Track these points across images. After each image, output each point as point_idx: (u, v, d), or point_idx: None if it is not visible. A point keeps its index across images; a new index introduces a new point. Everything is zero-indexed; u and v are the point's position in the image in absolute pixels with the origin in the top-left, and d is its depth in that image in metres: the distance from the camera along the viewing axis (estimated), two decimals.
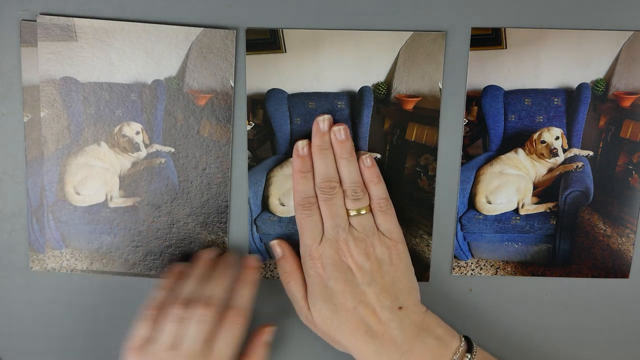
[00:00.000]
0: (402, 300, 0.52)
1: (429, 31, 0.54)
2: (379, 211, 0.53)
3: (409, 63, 0.54)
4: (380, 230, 0.53)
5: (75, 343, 0.59)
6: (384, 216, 0.54)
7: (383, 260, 0.53)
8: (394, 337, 0.51)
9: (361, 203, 0.53)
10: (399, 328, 0.51)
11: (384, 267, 0.52)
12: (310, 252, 0.53)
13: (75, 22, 0.53)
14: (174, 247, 0.57)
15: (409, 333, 0.51)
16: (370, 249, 0.52)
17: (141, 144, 0.55)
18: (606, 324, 0.59)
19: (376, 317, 0.51)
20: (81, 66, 0.53)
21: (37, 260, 0.57)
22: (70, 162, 0.55)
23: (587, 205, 0.57)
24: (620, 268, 0.58)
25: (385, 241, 0.53)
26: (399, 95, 0.55)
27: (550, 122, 0.56)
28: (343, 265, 0.52)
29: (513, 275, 0.58)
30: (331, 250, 0.52)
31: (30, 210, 0.56)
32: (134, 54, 0.53)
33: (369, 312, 0.51)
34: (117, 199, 0.56)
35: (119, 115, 0.55)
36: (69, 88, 0.54)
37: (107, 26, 0.53)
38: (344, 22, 0.54)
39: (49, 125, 0.54)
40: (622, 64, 0.54)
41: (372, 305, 0.51)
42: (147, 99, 0.54)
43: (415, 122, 0.56)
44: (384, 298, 0.52)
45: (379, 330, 0.51)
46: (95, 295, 0.58)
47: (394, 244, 0.53)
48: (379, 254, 0.53)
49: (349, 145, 0.53)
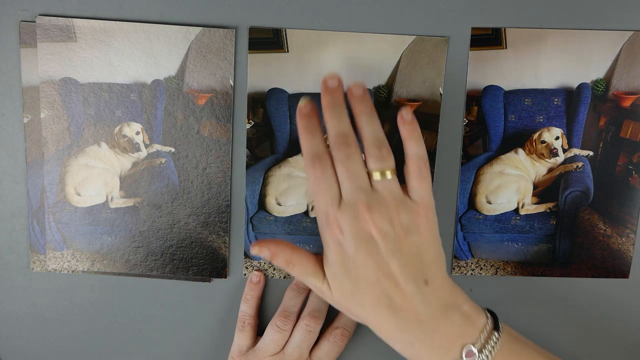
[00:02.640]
0: (428, 274, 0.47)
1: (431, 36, 0.54)
2: (415, 174, 0.48)
3: (410, 67, 0.54)
4: (411, 196, 0.48)
5: (76, 343, 0.59)
6: (420, 181, 0.48)
7: (410, 229, 0.47)
8: (418, 313, 0.46)
9: (386, 164, 0.47)
10: (424, 304, 0.46)
11: (411, 236, 0.47)
12: (328, 218, 0.47)
13: (74, 22, 0.52)
14: (175, 248, 0.57)
15: (435, 309, 0.46)
16: (395, 215, 0.46)
17: (141, 144, 0.55)
18: (606, 324, 0.59)
19: (400, 290, 0.46)
20: (80, 67, 0.53)
21: (38, 262, 0.57)
22: (70, 163, 0.55)
23: (587, 205, 0.57)
24: (620, 268, 0.58)
25: (414, 208, 0.47)
26: (399, 98, 0.55)
27: (550, 122, 0.56)
28: (365, 234, 0.46)
29: (513, 275, 0.58)
30: (351, 216, 0.46)
31: (30, 212, 0.56)
32: (133, 54, 0.53)
33: (392, 285, 0.46)
34: (118, 199, 0.56)
35: (118, 116, 0.54)
36: (69, 89, 0.54)
37: (106, 26, 0.53)
38: (346, 25, 0.54)
39: (48, 126, 0.54)
40: (622, 64, 0.54)
41: (396, 277, 0.46)
42: (147, 99, 0.54)
43: None
44: (409, 270, 0.46)
45: (403, 305, 0.46)
46: (96, 296, 0.58)
47: (424, 211, 0.47)
48: (405, 221, 0.46)
49: (369, 100, 0.48)
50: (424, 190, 0.48)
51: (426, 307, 0.46)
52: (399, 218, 0.46)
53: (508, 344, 0.47)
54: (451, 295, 0.48)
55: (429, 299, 0.46)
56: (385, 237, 0.46)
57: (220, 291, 0.58)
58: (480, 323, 0.47)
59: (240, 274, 0.58)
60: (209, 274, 0.57)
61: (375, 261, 0.46)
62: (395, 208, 0.46)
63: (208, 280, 0.58)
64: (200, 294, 0.58)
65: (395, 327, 0.46)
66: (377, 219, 0.46)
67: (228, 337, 0.58)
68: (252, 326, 0.57)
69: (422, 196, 0.47)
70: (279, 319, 0.56)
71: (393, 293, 0.46)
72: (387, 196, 0.47)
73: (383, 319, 0.47)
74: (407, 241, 0.46)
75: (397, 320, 0.46)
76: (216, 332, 0.59)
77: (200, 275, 0.57)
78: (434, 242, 0.48)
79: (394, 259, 0.46)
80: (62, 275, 0.57)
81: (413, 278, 0.46)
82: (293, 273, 0.49)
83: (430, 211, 0.48)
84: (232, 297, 0.58)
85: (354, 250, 0.46)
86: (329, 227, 0.47)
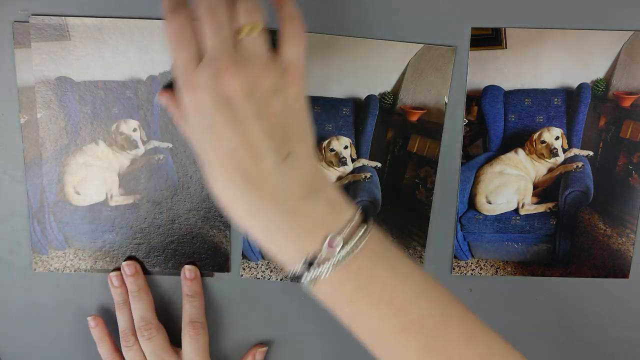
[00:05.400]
0: (291, 147, 0.41)
1: (438, 45, 0.54)
2: (290, 35, 0.42)
3: (416, 75, 0.54)
4: (282, 58, 0.42)
5: (76, 344, 0.59)
6: (294, 42, 0.42)
7: (276, 93, 0.40)
8: (275, 191, 0.40)
9: (256, 17, 0.41)
10: (282, 180, 0.40)
11: (276, 101, 0.40)
12: (186, 76, 0.40)
13: (67, 21, 0.52)
14: (177, 243, 0.57)
15: (295, 189, 0.41)
16: (261, 76, 0.40)
17: (139, 141, 0.55)
18: (606, 324, 0.59)
19: (257, 162, 0.40)
20: (75, 65, 0.53)
21: (40, 262, 0.56)
22: (69, 162, 0.55)
23: (587, 205, 0.57)
24: (620, 268, 0.58)
25: (283, 71, 0.41)
26: (404, 106, 0.55)
27: (550, 122, 0.56)
28: (225, 94, 0.39)
29: (513, 275, 0.58)
30: (211, 73, 0.40)
31: (31, 212, 0.55)
32: (128, 50, 0.53)
33: (249, 155, 0.40)
34: (118, 197, 0.56)
35: (115, 113, 0.54)
36: (64, 88, 0.53)
37: (100, 24, 0.52)
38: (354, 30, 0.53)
39: (46, 126, 0.54)
40: (622, 64, 0.54)
41: (255, 146, 0.40)
42: (143, 96, 0.54)
43: (418, 134, 0.55)
44: (271, 139, 0.40)
45: (258, 180, 0.40)
46: (99, 294, 0.58)
47: (293, 76, 0.41)
48: (272, 84, 0.40)
49: None
50: (296, 52, 0.42)
51: (284, 185, 0.40)
52: (266, 80, 0.40)
53: (376, 240, 0.42)
54: (315, 177, 0.42)
55: (289, 176, 0.40)
56: (247, 99, 0.39)
57: (223, 285, 0.58)
58: (348, 214, 0.41)
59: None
60: (212, 268, 0.57)
61: (233, 126, 0.40)
62: (262, 68, 0.40)
63: (211, 275, 0.58)
64: (204, 289, 0.58)
65: (249, 208, 0.40)
66: (240, 78, 0.39)
67: (233, 330, 0.59)
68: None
69: (294, 59, 0.42)
70: (122, 340, 0.56)
71: (249, 165, 0.40)
72: (254, 54, 0.40)
73: (236, 198, 0.41)
74: (271, 106, 0.40)
75: (251, 200, 0.40)
76: (221, 325, 0.59)
77: (203, 270, 0.57)
78: (301, 112, 0.42)
79: (255, 125, 0.40)
80: (62, 275, 0.57)
81: (274, 148, 0.40)
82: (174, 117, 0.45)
83: (300, 77, 0.42)
84: (236, 291, 0.58)
85: (212, 114, 0.40)
86: (187, 88, 0.40)
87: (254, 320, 0.59)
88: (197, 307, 0.56)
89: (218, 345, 0.59)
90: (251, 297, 0.58)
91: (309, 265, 0.40)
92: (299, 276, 0.41)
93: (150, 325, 0.55)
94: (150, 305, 0.56)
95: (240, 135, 0.40)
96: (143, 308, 0.56)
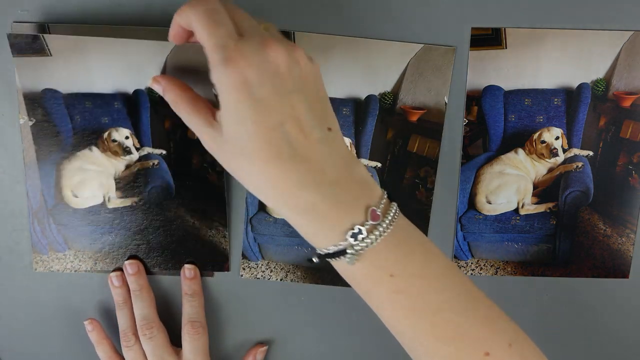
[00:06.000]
0: (329, 121, 0.41)
1: (438, 45, 0.54)
2: None
3: (416, 75, 0.54)
4: None
5: (76, 344, 0.59)
6: None
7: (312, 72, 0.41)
8: (322, 161, 0.40)
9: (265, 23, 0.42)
10: (328, 152, 0.40)
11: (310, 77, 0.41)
12: (227, 51, 0.38)
13: (46, 38, 0.51)
14: (176, 244, 0.57)
15: (338, 159, 0.41)
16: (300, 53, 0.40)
17: (132, 148, 0.55)
18: (606, 324, 0.59)
19: (304, 136, 0.39)
20: (59, 80, 0.52)
21: (41, 262, 0.56)
22: (64, 166, 0.55)
23: (587, 205, 0.57)
24: (620, 268, 0.58)
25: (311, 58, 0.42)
26: (404, 106, 0.55)
27: (550, 122, 0.56)
28: (272, 65, 0.39)
29: (513, 275, 0.58)
30: (257, 43, 0.39)
31: (31, 212, 0.55)
32: (113, 66, 0.52)
33: (296, 130, 0.39)
34: (115, 199, 0.56)
35: (105, 122, 0.54)
36: (52, 97, 0.53)
37: (81, 42, 0.51)
38: (354, 30, 0.53)
39: (38, 133, 0.54)
40: (622, 64, 0.54)
41: (302, 120, 0.39)
42: (132, 107, 0.54)
43: (419, 134, 0.55)
44: (314, 113, 0.40)
45: (306, 153, 0.39)
46: (99, 294, 0.58)
47: (317, 67, 0.42)
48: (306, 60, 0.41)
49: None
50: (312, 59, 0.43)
51: (330, 156, 0.40)
52: (303, 57, 0.40)
53: (403, 219, 0.43)
54: (349, 153, 0.42)
55: (332, 147, 0.41)
56: (291, 72, 0.39)
57: (223, 285, 0.58)
58: (378, 189, 0.42)
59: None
60: (211, 268, 0.58)
61: (281, 99, 0.39)
62: (299, 48, 0.40)
63: (211, 275, 0.58)
64: (204, 289, 0.58)
65: (297, 182, 0.39)
66: (287, 50, 0.39)
67: (233, 330, 0.59)
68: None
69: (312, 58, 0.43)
70: (122, 340, 0.56)
71: (297, 137, 0.39)
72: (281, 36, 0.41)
73: (281, 174, 0.39)
74: (311, 82, 0.40)
75: (299, 173, 0.39)
76: (221, 325, 0.59)
77: (203, 269, 0.58)
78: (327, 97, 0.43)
79: (300, 97, 0.39)
80: (62, 275, 0.57)
81: (318, 123, 0.40)
82: (180, 112, 0.43)
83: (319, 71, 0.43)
84: (236, 291, 0.58)
85: (258, 85, 0.38)
86: (228, 64, 0.38)
87: (254, 320, 0.59)
88: (196, 307, 0.56)
89: (218, 345, 0.59)
90: (251, 297, 0.58)
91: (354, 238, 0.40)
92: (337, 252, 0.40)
93: (151, 325, 0.55)
94: (152, 305, 0.56)
95: (288, 108, 0.39)
96: (145, 307, 0.56)
